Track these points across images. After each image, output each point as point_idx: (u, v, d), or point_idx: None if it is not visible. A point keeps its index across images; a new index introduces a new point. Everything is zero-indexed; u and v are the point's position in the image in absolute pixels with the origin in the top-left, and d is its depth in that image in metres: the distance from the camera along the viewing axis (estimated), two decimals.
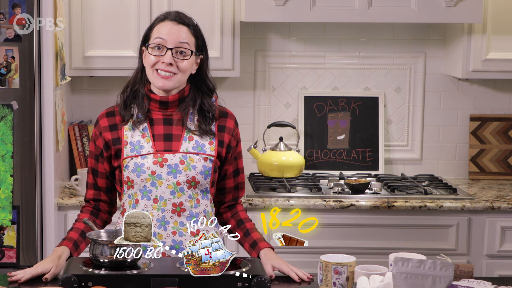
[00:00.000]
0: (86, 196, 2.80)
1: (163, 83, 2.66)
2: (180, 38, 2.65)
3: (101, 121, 2.74)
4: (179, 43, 2.65)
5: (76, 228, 2.69)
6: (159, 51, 2.65)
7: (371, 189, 3.92)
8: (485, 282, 2.33)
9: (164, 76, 2.65)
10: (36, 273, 2.53)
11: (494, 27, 4.04)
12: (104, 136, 2.71)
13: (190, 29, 2.69)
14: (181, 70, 2.65)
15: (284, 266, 2.62)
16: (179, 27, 2.66)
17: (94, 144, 2.75)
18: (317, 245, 3.74)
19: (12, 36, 3.47)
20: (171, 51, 2.63)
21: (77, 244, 2.66)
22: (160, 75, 2.65)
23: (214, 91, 2.76)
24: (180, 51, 2.65)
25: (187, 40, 2.66)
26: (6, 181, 3.52)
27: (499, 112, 4.38)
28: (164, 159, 2.66)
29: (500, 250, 3.84)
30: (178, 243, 2.66)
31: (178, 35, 2.65)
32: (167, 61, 2.63)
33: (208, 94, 2.75)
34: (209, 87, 2.75)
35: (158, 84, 2.66)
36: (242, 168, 2.84)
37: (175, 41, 2.64)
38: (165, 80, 2.65)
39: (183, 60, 2.65)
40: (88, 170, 2.79)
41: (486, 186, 4.19)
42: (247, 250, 2.76)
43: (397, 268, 2.28)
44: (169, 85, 2.66)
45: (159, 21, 2.69)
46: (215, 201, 2.82)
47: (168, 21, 2.67)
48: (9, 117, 3.50)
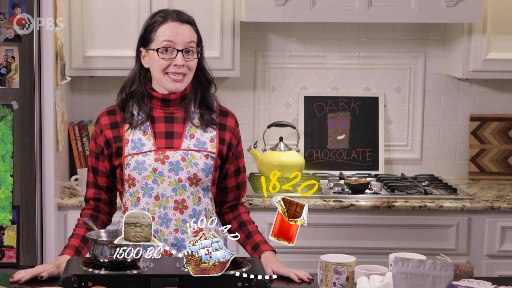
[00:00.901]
0: (87, 195, 2.80)
1: (175, 86, 2.66)
2: (187, 38, 2.66)
3: (102, 119, 2.74)
4: (187, 44, 2.65)
5: (76, 235, 2.69)
6: (169, 53, 2.65)
7: (371, 189, 3.93)
8: (485, 282, 2.33)
9: (176, 79, 2.65)
10: (36, 273, 2.53)
11: (494, 27, 4.04)
12: (105, 134, 2.71)
13: (193, 27, 2.70)
14: (191, 69, 2.67)
15: (282, 269, 2.62)
16: (184, 26, 2.67)
17: (95, 142, 2.75)
18: (317, 245, 3.75)
19: (12, 36, 3.47)
20: (181, 53, 2.64)
21: (78, 251, 2.66)
22: (171, 78, 2.65)
23: (212, 81, 2.77)
24: (188, 50, 2.66)
25: (193, 39, 2.68)
26: (6, 181, 3.52)
27: (499, 112, 4.38)
28: (166, 156, 2.66)
29: (500, 250, 3.84)
30: (180, 240, 2.66)
31: (185, 35, 2.65)
32: (180, 63, 2.63)
33: (207, 85, 2.75)
34: (208, 78, 2.76)
35: (170, 87, 2.66)
36: (243, 167, 2.85)
37: (183, 42, 2.65)
38: (178, 83, 2.66)
39: (192, 59, 2.66)
40: (88, 169, 2.79)
41: (486, 186, 4.19)
42: (249, 252, 2.76)
43: (397, 268, 2.28)
44: (181, 87, 2.68)
45: (161, 23, 2.67)
46: (216, 202, 2.83)
47: (171, 21, 2.66)
48: (9, 117, 3.50)
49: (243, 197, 2.88)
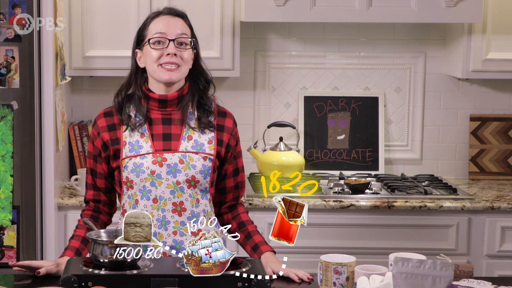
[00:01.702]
0: (86, 197, 2.80)
1: (169, 75, 2.65)
2: (179, 29, 2.67)
3: (99, 121, 2.73)
4: (179, 34, 2.67)
5: (77, 236, 2.70)
6: (161, 45, 2.65)
7: (371, 189, 3.93)
8: (485, 282, 2.33)
9: (170, 68, 2.65)
10: (36, 265, 2.55)
11: (494, 27, 4.04)
12: (102, 136, 2.71)
13: (185, 20, 2.72)
14: (185, 60, 2.67)
15: (282, 270, 2.62)
16: (175, 19, 2.69)
17: (93, 144, 2.75)
18: (317, 245, 3.75)
19: (12, 36, 3.47)
20: (173, 42, 2.64)
21: (79, 252, 2.66)
22: (165, 68, 2.65)
23: (210, 81, 2.76)
24: (181, 42, 2.67)
25: (185, 31, 2.69)
26: (6, 181, 3.52)
27: (499, 112, 4.38)
28: (164, 158, 2.66)
29: (500, 250, 3.84)
30: (179, 242, 2.66)
31: (176, 26, 2.67)
32: (172, 51, 2.64)
33: (205, 86, 2.75)
34: (207, 78, 2.76)
35: (164, 77, 2.66)
36: (242, 167, 2.84)
37: (175, 32, 2.66)
38: (171, 72, 2.65)
39: (185, 50, 2.67)
40: (87, 171, 2.79)
41: (486, 186, 4.19)
42: (248, 252, 2.76)
43: (397, 268, 2.28)
44: (176, 77, 2.66)
45: (153, 18, 2.71)
46: (215, 202, 2.82)
47: (163, 15, 2.70)
48: (9, 117, 3.50)
49: (242, 197, 2.88)
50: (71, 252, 2.64)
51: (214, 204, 2.81)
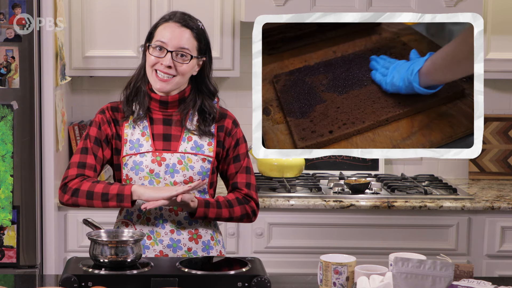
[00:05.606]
0: (69, 174, 2.66)
1: (161, 85, 2.65)
2: (181, 43, 2.63)
3: (107, 112, 2.72)
4: (179, 48, 2.63)
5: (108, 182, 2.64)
6: (160, 52, 2.64)
7: (371, 189, 3.93)
8: (485, 282, 2.33)
9: (163, 78, 2.64)
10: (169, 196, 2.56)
11: (494, 27, 4.04)
12: (111, 127, 2.70)
13: (193, 33, 2.66)
14: (180, 73, 2.64)
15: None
16: (182, 30, 2.64)
17: (99, 129, 2.70)
18: (317, 245, 3.75)
19: (12, 36, 3.47)
20: (171, 54, 2.63)
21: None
22: (158, 77, 2.64)
23: (215, 94, 2.75)
24: (181, 54, 2.64)
25: (188, 46, 2.63)
26: (6, 181, 3.52)
27: (499, 112, 4.38)
28: (163, 158, 2.66)
29: (500, 250, 3.84)
30: (175, 241, 2.66)
31: (180, 39, 2.63)
32: (166, 63, 2.62)
33: (209, 96, 2.74)
34: (210, 89, 2.73)
35: (156, 86, 2.66)
36: (247, 168, 2.77)
37: (176, 44, 2.63)
38: (163, 82, 2.65)
39: (182, 63, 2.64)
40: (76, 151, 2.69)
41: (486, 186, 4.19)
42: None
43: (397, 268, 2.28)
44: (167, 88, 2.65)
45: (164, 21, 2.67)
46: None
47: (172, 22, 2.65)
48: (9, 117, 3.50)
49: (247, 190, 2.75)
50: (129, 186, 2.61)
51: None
